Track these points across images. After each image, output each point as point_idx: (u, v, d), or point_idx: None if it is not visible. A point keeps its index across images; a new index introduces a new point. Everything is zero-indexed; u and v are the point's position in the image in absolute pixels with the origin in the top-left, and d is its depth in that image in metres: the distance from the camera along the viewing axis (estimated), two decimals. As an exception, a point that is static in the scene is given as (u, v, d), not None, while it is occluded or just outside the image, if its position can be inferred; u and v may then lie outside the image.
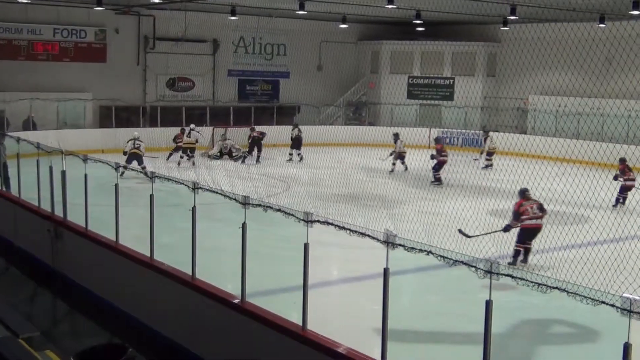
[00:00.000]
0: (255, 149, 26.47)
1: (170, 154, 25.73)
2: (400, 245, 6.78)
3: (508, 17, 25.22)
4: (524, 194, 13.00)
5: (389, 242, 6.85)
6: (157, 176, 10.62)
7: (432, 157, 21.93)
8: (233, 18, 28.69)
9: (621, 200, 18.64)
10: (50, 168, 13.40)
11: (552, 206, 16.35)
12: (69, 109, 28.37)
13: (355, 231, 7.28)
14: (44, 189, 13.76)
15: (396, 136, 24.35)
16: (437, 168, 21.79)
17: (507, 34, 30.52)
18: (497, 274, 5.94)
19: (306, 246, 7.79)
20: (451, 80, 34.30)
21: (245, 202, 8.63)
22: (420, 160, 21.31)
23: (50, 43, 29.03)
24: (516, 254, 12.60)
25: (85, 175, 12.34)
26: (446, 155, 22.06)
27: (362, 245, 7.62)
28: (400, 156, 23.95)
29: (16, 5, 26.55)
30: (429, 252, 6.52)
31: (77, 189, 12.62)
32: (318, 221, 7.67)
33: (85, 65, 29.64)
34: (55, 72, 28.87)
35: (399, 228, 10.73)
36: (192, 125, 25.90)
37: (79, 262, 12.59)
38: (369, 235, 7.10)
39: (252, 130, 27.17)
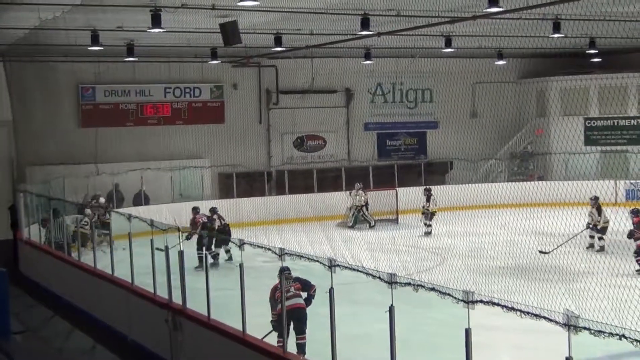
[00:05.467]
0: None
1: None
2: (584, 328, 6.63)
3: None
4: None
5: (571, 325, 6.72)
6: (286, 253, 10.86)
7: (631, 234, 20.38)
8: (368, 62, 29.32)
9: None
10: (166, 248, 13.95)
11: None
12: (184, 179, 29.46)
13: (528, 312, 7.17)
14: (159, 273, 14.31)
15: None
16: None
17: None
18: None
19: (467, 331, 7.74)
20: (639, 120, 33.33)
21: (391, 281, 8.67)
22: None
23: (161, 104, 30.53)
24: None
25: (205, 255, 12.78)
26: None
27: (537, 329, 7.49)
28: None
29: (123, 65, 28.16)
30: (622, 337, 6.34)
31: (197, 271, 13.06)
32: (481, 301, 7.61)
33: (200, 128, 30.93)
34: (168, 138, 30.24)
35: (582, 307, 10.45)
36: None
37: (201, 356, 12.95)
38: (545, 317, 6.98)
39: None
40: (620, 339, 6.34)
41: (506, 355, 13.02)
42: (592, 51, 28.65)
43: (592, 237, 21.63)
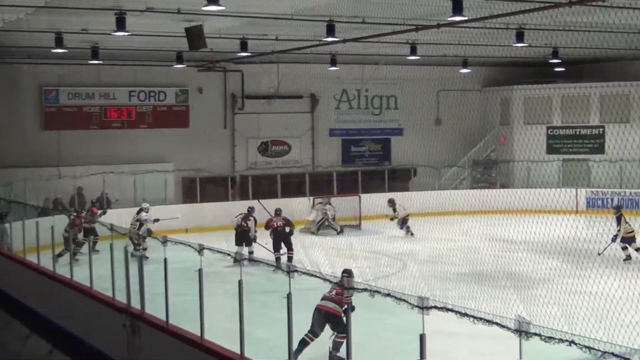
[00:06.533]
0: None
1: None
2: (535, 334, 6.70)
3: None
4: None
5: (522, 331, 6.78)
6: (245, 258, 10.88)
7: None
8: (333, 69, 29.40)
9: None
10: (126, 252, 13.89)
11: None
12: (147, 183, 29.26)
13: (481, 318, 7.23)
14: (119, 277, 14.24)
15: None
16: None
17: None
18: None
19: (422, 337, 7.77)
20: (600, 129, 33.70)
21: (348, 287, 8.72)
22: (565, 228, 20.91)
23: (126, 107, 30.38)
24: None
25: (165, 260, 12.71)
26: None
27: (495, 335, 7.54)
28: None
29: (87, 68, 27.96)
30: (571, 342, 6.41)
31: (157, 276, 13.00)
32: (435, 307, 7.66)
33: (165, 132, 30.82)
34: (131, 141, 30.10)
35: (534, 312, 10.53)
36: None
37: (159, 362, 12.90)
38: (497, 323, 7.04)
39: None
40: (570, 345, 6.41)
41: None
42: (555, 61, 28.90)
43: (624, 248, 21.22)
